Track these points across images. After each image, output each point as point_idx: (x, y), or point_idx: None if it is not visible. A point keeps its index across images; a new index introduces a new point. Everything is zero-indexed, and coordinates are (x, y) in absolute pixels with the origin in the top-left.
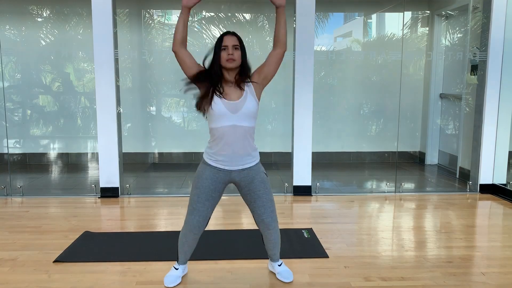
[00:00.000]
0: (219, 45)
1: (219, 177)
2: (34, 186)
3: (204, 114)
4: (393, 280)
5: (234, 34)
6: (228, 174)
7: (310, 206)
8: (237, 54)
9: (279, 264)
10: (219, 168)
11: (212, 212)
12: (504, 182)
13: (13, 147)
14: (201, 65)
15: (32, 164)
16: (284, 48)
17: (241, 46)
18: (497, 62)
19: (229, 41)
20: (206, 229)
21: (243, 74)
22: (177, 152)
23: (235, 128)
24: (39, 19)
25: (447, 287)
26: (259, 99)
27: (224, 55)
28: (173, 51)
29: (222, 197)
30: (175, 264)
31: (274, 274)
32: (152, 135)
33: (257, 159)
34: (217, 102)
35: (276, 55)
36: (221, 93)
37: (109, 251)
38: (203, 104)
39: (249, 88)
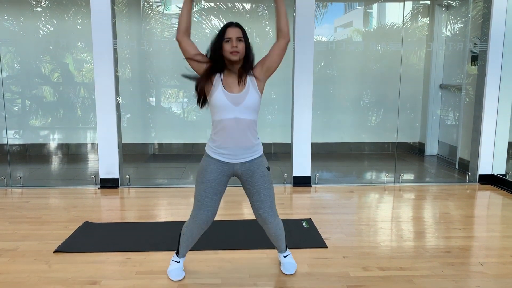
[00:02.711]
0: (221, 36)
1: (223, 170)
2: (34, 177)
3: (201, 106)
4: (391, 270)
5: (237, 25)
6: (231, 167)
7: (310, 196)
8: (241, 47)
9: (284, 255)
10: (223, 161)
11: (218, 205)
12: (503, 173)
13: (13, 137)
14: (204, 55)
15: (32, 154)
16: (287, 38)
17: (244, 38)
18: (498, 52)
19: (233, 33)
20: None
21: (246, 66)
22: (176, 142)
23: (237, 121)
24: (38, 9)
25: (445, 277)
26: (262, 92)
27: (227, 47)
28: (177, 40)
29: None
30: (173, 257)
31: (274, 264)
32: (152, 126)
33: (260, 152)
34: (220, 94)
35: (279, 46)
36: (225, 83)
37: (109, 242)
38: (204, 93)
39: (251, 81)
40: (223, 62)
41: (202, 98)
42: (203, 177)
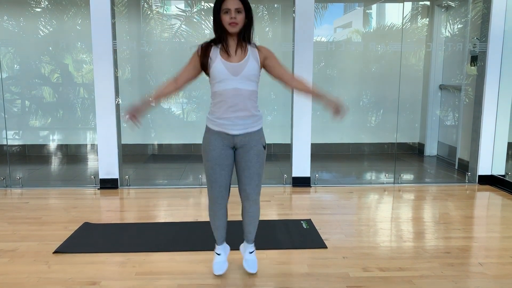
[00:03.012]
0: (219, 7)
1: (225, 144)
2: (34, 178)
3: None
4: (391, 271)
5: None
6: (231, 139)
7: (309, 197)
8: (240, 18)
9: (250, 251)
10: (223, 133)
11: (230, 179)
12: (503, 173)
13: (12, 138)
14: (197, 53)
15: (31, 155)
16: (291, 88)
17: (245, 8)
18: (497, 53)
19: (232, 4)
20: (205, 220)
21: (246, 36)
22: (176, 143)
23: (236, 91)
24: (37, 10)
25: (445, 277)
26: (261, 67)
27: (226, 18)
28: (181, 89)
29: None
30: (215, 249)
31: (274, 264)
32: (152, 127)
33: (260, 124)
34: (218, 65)
35: (287, 80)
36: (224, 54)
37: (109, 242)
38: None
39: (252, 52)
40: (222, 32)
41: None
42: (207, 155)
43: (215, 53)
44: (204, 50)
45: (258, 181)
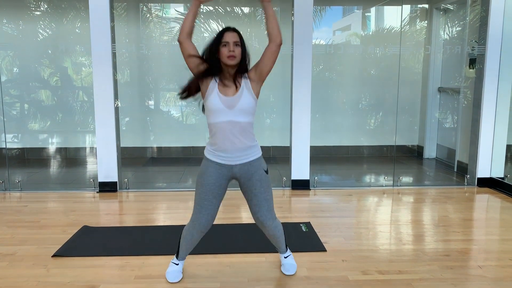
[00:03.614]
0: (219, 40)
1: (222, 173)
2: (33, 181)
3: (202, 111)
4: (390, 274)
5: (235, 30)
6: (230, 169)
7: (308, 200)
8: (238, 51)
9: (285, 256)
10: (221, 163)
11: (217, 210)
12: (502, 176)
13: (11, 141)
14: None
15: (30, 158)
16: (277, 41)
17: (241, 43)
18: (496, 55)
19: (230, 38)
20: None
21: (242, 70)
22: (175, 146)
23: (232, 123)
24: (37, 13)
25: (444, 280)
26: (257, 95)
27: (225, 51)
28: (179, 41)
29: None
30: (173, 259)
31: (273, 267)
32: (151, 129)
33: (258, 153)
34: (215, 98)
35: (270, 49)
36: (221, 86)
37: (108, 246)
38: (195, 92)
39: (245, 84)
40: (219, 66)
41: (200, 102)
42: (202, 181)
43: (213, 85)
44: (204, 76)
45: (268, 205)
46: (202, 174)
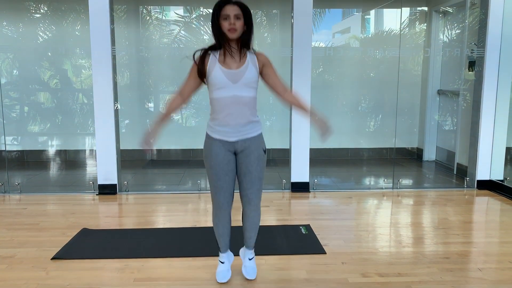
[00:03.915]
0: (219, 13)
1: (226, 149)
2: (32, 183)
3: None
4: (390, 276)
5: (236, 3)
6: (232, 145)
7: (308, 202)
8: (239, 24)
9: (250, 257)
10: (223, 140)
11: (234, 185)
12: (501, 178)
13: (11, 144)
14: (195, 63)
15: (30, 161)
16: (282, 100)
17: (244, 14)
18: (495, 58)
19: (231, 11)
20: (204, 225)
21: (245, 42)
22: (175, 148)
23: (236, 98)
24: (37, 16)
25: (444, 283)
26: (259, 75)
27: (225, 25)
28: (187, 102)
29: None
30: (219, 257)
31: (273, 270)
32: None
33: (259, 130)
34: (217, 72)
35: (280, 92)
36: (223, 61)
37: (107, 248)
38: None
39: (251, 58)
40: (222, 38)
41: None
42: (210, 162)
43: (214, 60)
44: (202, 59)
45: (259, 185)
46: (207, 155)
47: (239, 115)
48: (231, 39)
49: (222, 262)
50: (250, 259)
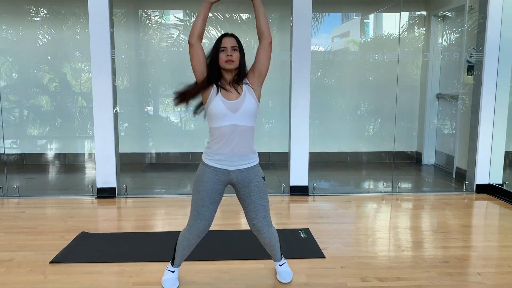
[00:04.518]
0: (217, 46)
1: (219, 179)
2: (31, 187)
3: (204, 117)
4: (389, 280)
5: (232, 35)
6: (227, 174)
7: (307, 206)
8: (236, 56)
9: (280, 264)
10: (218, 168)
11: (215, 214)
12: (500, 182)
13: (10, 147)
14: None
15: (29, 164)
16: (268, 39)
17: (239, 48)
18: (493, 62)
19: (228, 43)
20: None
21: (241, 75)
22: (174, 152)
23: (235, 127)
24: (36, 19)
25: (443, 287)
26: (259, 98)
27: (223, 56)
28: (189, 43)
29: None
30: (168, 266)
31: (272, 274)
32: (149, 135)
33: (256, 161)
34: (218, 102)
35: (263, 48)
36: (222, 91)
37: (106, 252)
38: (203, 105)
39: (247, 88)
40: (219, 72)
41: (197, 106)
42: (199, 186)
43: (215, 91)
44: (208, 80)
45: (264, 212)
46: (198, 180)
47: (237, 144)
48: (228, 71)
49: (171, 271)
50: (281, 265)
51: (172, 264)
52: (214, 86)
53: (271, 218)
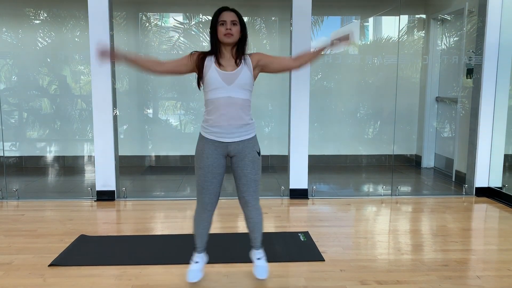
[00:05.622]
0: (216, 19)
1: (218, 152)
2: (30, 189)
3: (199, 87)
4: (388, 284)
5: (233, 10)
6: (225, 147)
7: (307, 209)
8: (235, 30)
9: (258, 257)
10: (216, 141)
11: (221, 187)
12: (500, 185)
13: (9, 149)
14: (190, 56)
15: (28, 167)
16: (297, 68)
17: (240, 22)
18: (493, 65)
19: (228, 17)
20: None
21: (240, 49)
22: (173, 155)
23: (230, 99)
24: (36, 22)
25: None
26: (255, 77)
27: (222, 29)
28: (162, 74)
29: (219, 200)
30: (193, 256)
31: (271, 277)
32: (149, 138)
33: (253, 132)
34: (213, 73)
35: (287, 65)
36: (219, 64)
37: (105, 255)
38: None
39: (245, 61)
40: (218, 44)
41: (198, 80)
42: (200, 163)
43: (210, 62)
44: (202, 57)
45: (255, 187)
46: (199, 156)
47: (233, 116)
48: (227, 45)
49: (196, 262)
50: (258, 259)
51: (195, 249)
52: (210, 58)
53: (260, 193)
